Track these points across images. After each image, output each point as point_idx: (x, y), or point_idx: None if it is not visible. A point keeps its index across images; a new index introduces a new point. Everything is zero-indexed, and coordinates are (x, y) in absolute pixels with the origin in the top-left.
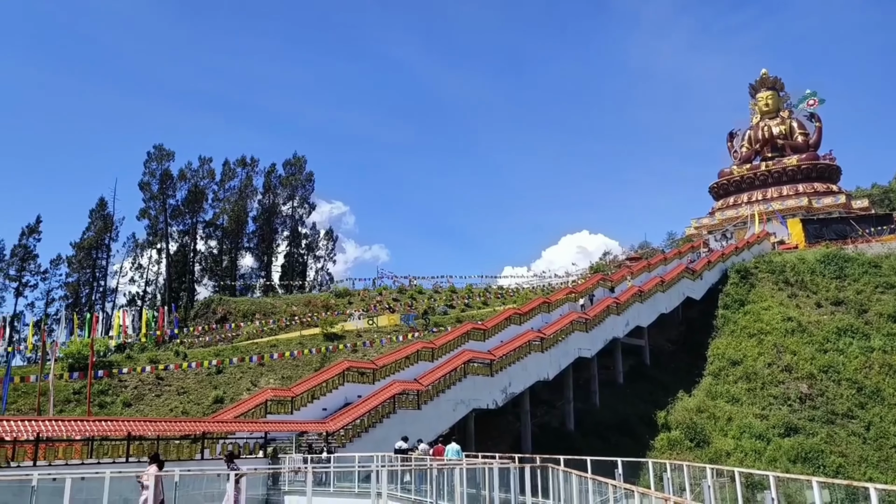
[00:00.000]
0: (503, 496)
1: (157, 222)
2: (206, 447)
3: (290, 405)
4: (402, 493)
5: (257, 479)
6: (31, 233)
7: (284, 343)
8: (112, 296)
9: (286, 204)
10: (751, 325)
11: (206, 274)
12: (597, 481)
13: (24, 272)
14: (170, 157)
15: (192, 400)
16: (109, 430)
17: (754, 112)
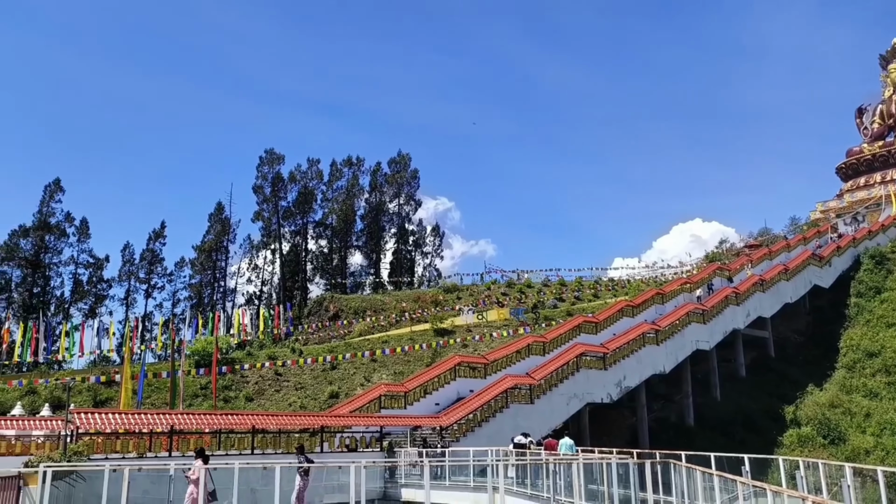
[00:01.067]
0: (622, 492)
1: (270, 224)
2: (325, 440)
3: (404, 400)
4: (519, 488)
5: (375, 471)
6: (157, 237)
7: (395, 339)
8: (231, 295)
9: (392, 201)
10: (889, 313)
11: (318, 272)
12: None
13: (152, 275)
14: (280, 160)
15: (309, 395)
16: (235, 424)
17: (886, 85)
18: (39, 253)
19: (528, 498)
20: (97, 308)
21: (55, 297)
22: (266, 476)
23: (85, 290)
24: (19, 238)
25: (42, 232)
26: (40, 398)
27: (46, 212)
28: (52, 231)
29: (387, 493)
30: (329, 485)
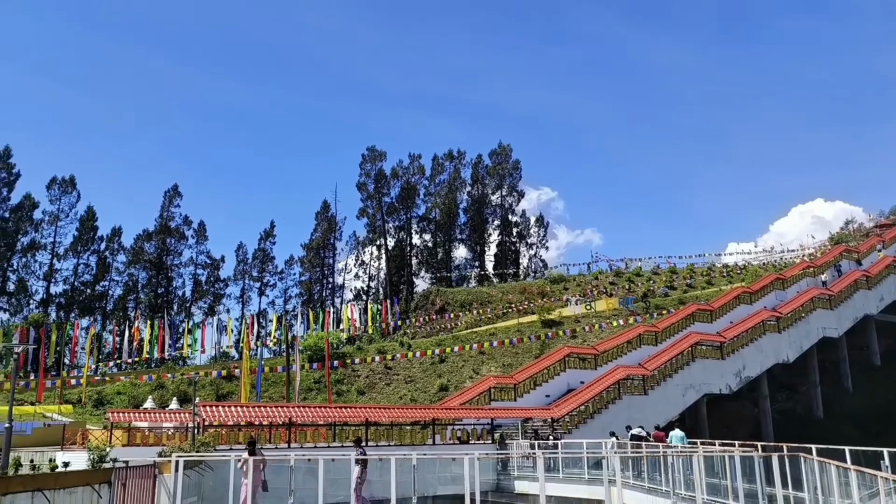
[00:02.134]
0: (747, 487)
1: (374, 220)
2: (437, 433)
3: (513, 392)
4: (636, 481)
5: (487, 464)
6: (268, 237)
7: (503, 331)
8: (340, 291)
9: (495, 193)
10: None
11: (423, 267)
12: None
13: (264, 273)
14: (382, 157)
15: (419, 388)
16: (349, 416)
17: None
18: (162, 256)
19: (646, 492)
20: (215, 306)
21: (177, 296)
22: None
23: (204, 290)
24: (144, 242)
25: (163, 235)
26: (168, 392)
27: (167, 216)
28: (172, 234)
29: (500, 485)
30: (442, 476)
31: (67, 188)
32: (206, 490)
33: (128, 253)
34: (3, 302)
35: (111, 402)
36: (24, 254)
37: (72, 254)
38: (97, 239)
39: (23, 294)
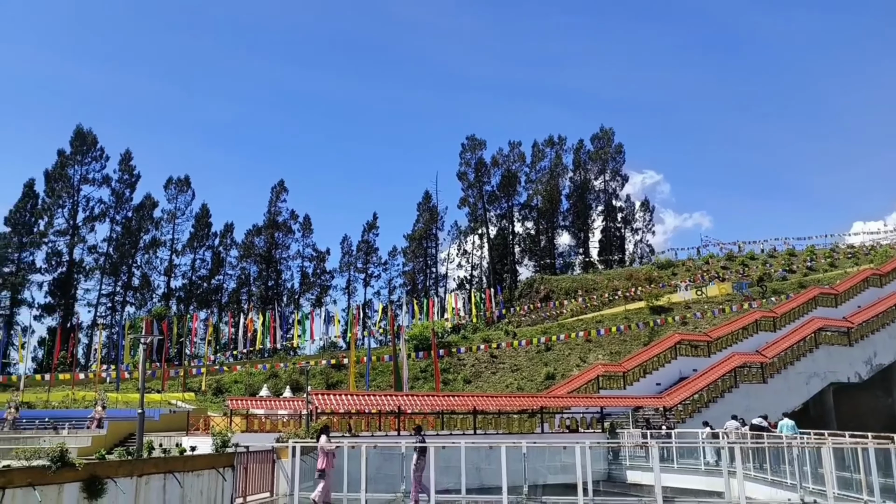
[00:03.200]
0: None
1: (476, 209)
2: (545, 421)
3: (622, 380)
4: (758, 473)
5: (598, 453)
6: (371, 229)
7: (609, 318)
8: (443, 281)
9: (598, 179)
10: None
11: (526, 254)
12: None
13: (368, 264)
14: (482, 145)
15: (525, 377)
16: (457, 405)
17: None
18: (271, 249)
19: (770, 484)
20: (323, 297)
21: (287, 288)
22: (490, 455)
23: (311, 282)
24: (254, 237)
25: (272, 230)
26: (281, 381)
27: (274, 211)
28: (280, 229)
29: (611, 475)
30: (552, 465)
31: (183, 187)
32: None
33: (240, 248)
34: (130, 296)
35: (229, 390)
36: (147, 250)
37: (189, 249)
38: (211, 235)
39: (146, 289)
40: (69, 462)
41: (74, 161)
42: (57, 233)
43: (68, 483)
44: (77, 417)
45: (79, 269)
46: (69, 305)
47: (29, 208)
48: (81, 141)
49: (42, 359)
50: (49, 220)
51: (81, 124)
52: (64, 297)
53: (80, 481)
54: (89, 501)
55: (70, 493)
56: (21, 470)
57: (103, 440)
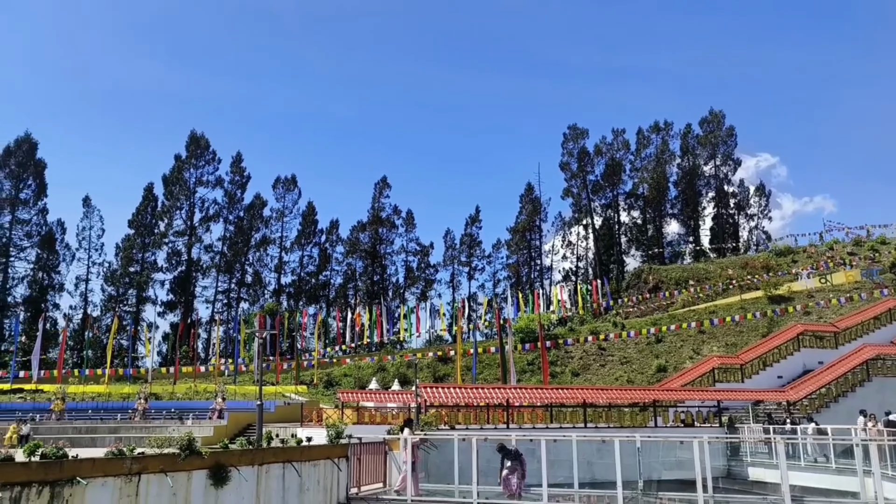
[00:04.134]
0: None
1: (580, 199)
2: (659, 415)
3: (740, 373)
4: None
5: (716, 448)
6: (473, 222)
7: (724, 308)
8: (548, 273)
9: (707, 164)
10: None
11: (633, 244)
12: None
13: (472, 258)
14: (584, 134)
15: (635, 369)
16: (566, 398)
17: None
18: (376, 245)
19: None
20: (427, 291)
21: (392, 283)
22: (601, 449)
23: (416, 276)
24: (358, 233)
25: (376, 226)
26: (389, 374)
27: (378, 207)
28: (384, 224)
29: (731, 472)
30: (667, 461)
31: (290, 186)
32: (432, 467)
33: (345, 244)
34: (244, 293)
35: (339, 383)
36: (258, 248)
37: (297, 247)
38: (318, 232)
39: (258, 285)
40: (196, 450)
41: (190, 165)
42: (176, 233)
43: (196, 470)
44: (200, 408)
45: (196, 268)
46: (189, 302)
47: (150, 211)
48: (196, 145)
49: (166, 353)
50: (168, 221)
51: (195, 129)
52: (184, 295)
53: (206, 469)
54: (215, 488)
55: (198, 480)
56: (154, 457)
57: (224, 430)
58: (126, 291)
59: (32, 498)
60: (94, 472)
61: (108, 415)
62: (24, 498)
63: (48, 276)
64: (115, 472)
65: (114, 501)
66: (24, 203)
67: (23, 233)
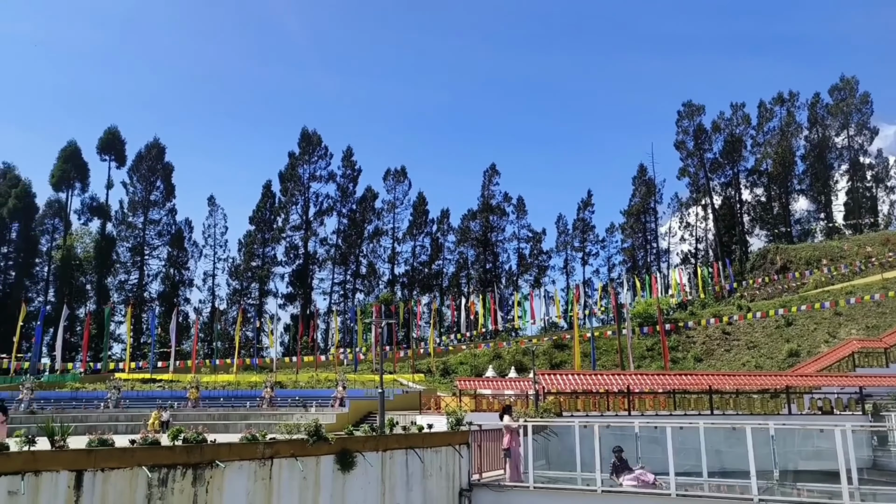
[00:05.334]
0: None
1: (697, 179)
2: (793, 401)
3: (884, 357)
4: None
5: (860, 437)
6: (586, 206)
7: (862, 288)
8: (665, 256)
9: (839, 135)
10: None
11: (757, 223)
12: None
13: (585, 243)
14: (700, 111)
15: (763, 354)
16: (690, 384)
17: None
18: (487, 233)
19: None
20: (541, 278)
21: (504, 270)
22: (731, 437)
23: (528, 263)
24: (469, 221)
25: (486, 213)
26: (505, 362)
27: (488, 195)
28: (494, 212)
29: (877, 463)
30: (803, 450)
31: (400, 178)
32: (553, 454)
33: (456, 233)
34: (359, 284)
35: (455, 371)
36: (371, 240)
37: (409, 237)
38: (429, 222)
39: (373, 276)
40: (323, 436)
41: (303, 161)
42: (293, 228)
43: (324, 455)
44: (322, 397)
45: (313, 261)
46: (307, 294)
47: (268, 207)
48: (308, 142)
49: (288, 343)
50: (285, 217)
51: (307, 126)
52: (302, 287)
53: (333, 454)
54: (342, 472)
55: (326, 465)
56: (285, 442)
57: (346, 417)
58: (249, 285)
59: (178, 479)
60: (230, 455)
61: (238, 402)
62: (170, 479)
63: (179, 273)
64: (250, 457)
65: (250, 484)
66: (154, 204)
67: (155, 232)
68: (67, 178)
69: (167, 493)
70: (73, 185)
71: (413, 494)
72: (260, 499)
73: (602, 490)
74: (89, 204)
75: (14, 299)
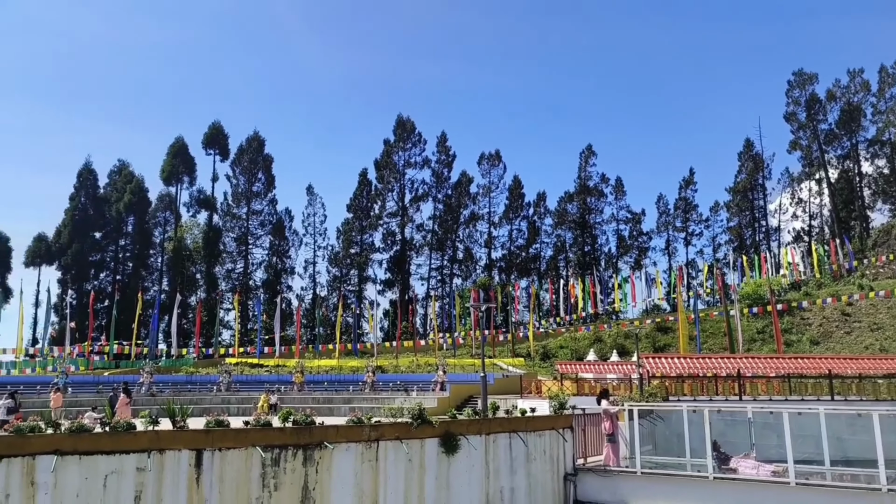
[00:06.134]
0: None
1: (809, 152)
2: None
3: None
4: None
5: None
6: (688, 185)
7: None
8: (775, 234)
9: None
10: None
11: (879, 197)
12: None
13: (688, 222)
14: (812, 79)
15: (888, 336)
16: (806, 368)
17: None
18: (584, 215)
19: None
20: (641, 260)
21: (603, 253)
22: (854, 424)
23: (628, 245)
24: (566, 204)
25: (584, 195)
26: (606, 345)
27: (584, 176)
28: (591, 193)
29: None
30: None
31: (495, 161)
32: (660, 440)
33: (553, 215)
34: (456, 269)
35: (555, 354)
36: (467, 225)
37: (505, 221)
38: (525, 205)
39: (469, 261)
40: (427, 419)
41: (398, 148)
42: (389, 214)
43: (428, 438)
44: (422, 381)
45: (410, 247)
46: (405, 280)
47: (365, 195)
48: (402, 129)
49: (387, 328)
50: (382, 203)
51: (401, 113)
52: (400, 273)
53: (437, 437)
54: (447, 455)
55: (431, 448)
56: (390, 425)
57: (447, 401)
58: (348, 272)
59: (289, 459)
60: (338, 437)
61: (341, 387)
62: (282, 459)
63: (281, 261)
64: (357, 439)
65: (357, 465)
66: (256, 195)
67: (257, 222)
68: (176, 172)
69: (279, 473)
70: (181, 179)
71: (517, 478)
72: (367, 480)
73: (714, 476)
74: (197, 197)
75: (132, 289)
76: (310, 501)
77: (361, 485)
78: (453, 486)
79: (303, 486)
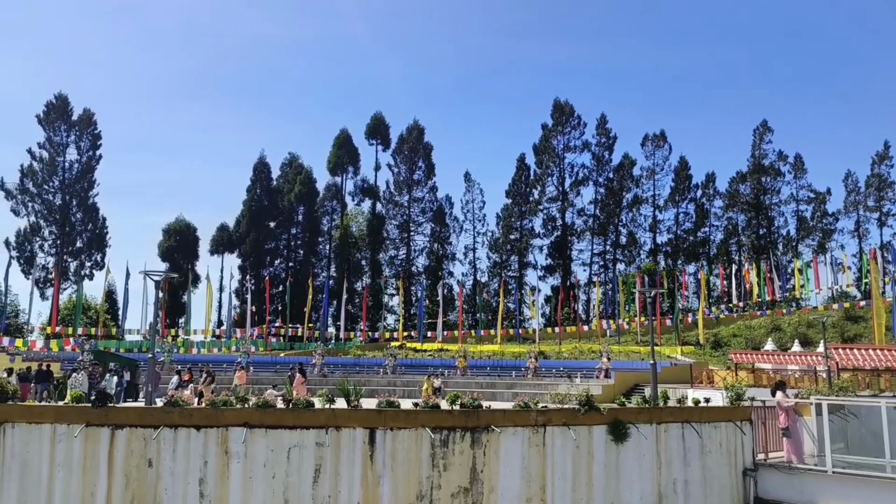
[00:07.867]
0: None
1: None
2: None
3: None
4: None
5: None
6: (882, 160)
7: None
8: None
9: None
10: None
11: None
12: None
13: (882, 201)
14: None
15: None
16: None
17: None
18: (759, 195)
19: None
20: (826, 243)
21: (781, 236)
22: None
23: (810, 227)
24: (738, 184)
25: (758, 175)
26: (785, 334)
27: (759, 155)
28: (767, 173)
29: None
30: None
31: (659, 143)
32: (852, 438)
33: (723, 197)
34: (619, 254)
35: (728, 343)
36: (630, 209)
37: (671, 204)
38: (692, 187)
39: (633, 246)
40: (594, 406)
41: (557, 132)
42: (549, 200)
43: (596, 425)
44: (586, 368)
45: (571, 232)
46: (566, 265)
47: (523, 180)
48: (560, 112)
49: (549, 314)
50: (541, 189)
51: (559, 97)
52: (561, 258)
53: (605, 424)
54: (615, 443)
55: (599, 435)
56: (557, 411)
57: (612, 389)
58: (508, 258)
59: (457, 441)
60: (504, 421)
61: (504, 372)
62: (450, 440)
63: (442, 247)
64: (523, 423)
65: (524, 450)
66: (417, 183)
67: (419, 210)
68: (342, 163)
69: (448, 454)
70: (346, 169)
71: (691, 470)
72: (535, 464)
73: None
74: (361, 186)
75: (303, 275)
76: (478, 483)
77: (529, 469)
78: (623, 475)
79: (471, 467)
